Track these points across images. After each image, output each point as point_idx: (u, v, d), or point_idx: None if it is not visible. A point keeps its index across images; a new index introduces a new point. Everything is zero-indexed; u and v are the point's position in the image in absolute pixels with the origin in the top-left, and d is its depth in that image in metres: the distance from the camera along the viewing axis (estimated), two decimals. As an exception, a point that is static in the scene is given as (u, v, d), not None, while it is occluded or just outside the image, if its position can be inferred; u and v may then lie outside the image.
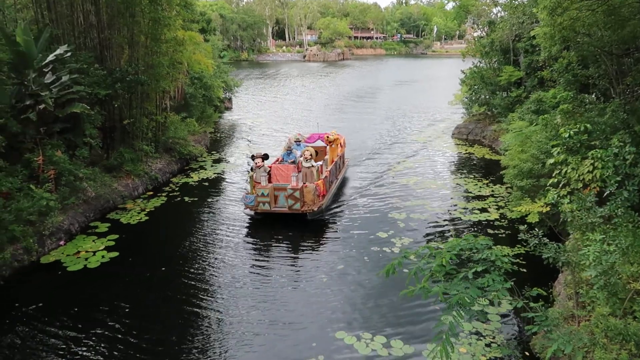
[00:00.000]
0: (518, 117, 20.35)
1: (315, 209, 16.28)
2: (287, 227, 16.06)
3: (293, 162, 17.97)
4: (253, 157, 17.12)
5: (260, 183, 16.49)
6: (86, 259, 13.80)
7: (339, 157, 20.16)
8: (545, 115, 15.52)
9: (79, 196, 16.17)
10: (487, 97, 28.46)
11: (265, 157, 17.07)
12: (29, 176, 14.67)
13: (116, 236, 15.24)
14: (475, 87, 29.14)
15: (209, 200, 18.93)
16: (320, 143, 20.70)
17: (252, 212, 16.49)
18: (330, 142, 20.14)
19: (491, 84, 27.50)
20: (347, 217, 17.09)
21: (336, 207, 18.00)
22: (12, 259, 13.02)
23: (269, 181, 17.06)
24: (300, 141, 20.04)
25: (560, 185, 12.11)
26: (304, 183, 16.70)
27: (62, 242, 14.65)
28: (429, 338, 10.11)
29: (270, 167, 17.58)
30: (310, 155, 17.38)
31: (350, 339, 10.31)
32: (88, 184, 16.74)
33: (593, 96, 17.30)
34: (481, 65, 29.27)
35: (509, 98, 25.98)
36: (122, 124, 19.84)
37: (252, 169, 16.84)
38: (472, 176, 21.26)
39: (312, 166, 17.12)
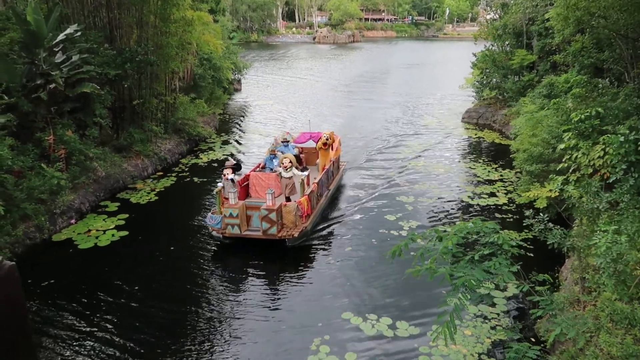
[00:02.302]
0: (529, 101, 20.12)
1: (296, 235, 13.11)
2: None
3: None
4: (235, 167, 14.70)
5: (228, 200, 13.39)
6: (97, 237, 14.01)
7: (331, 163, 16.73)
8: (557, 99, 15.33)
9: (89, 176, 16.34)
10: (499, 81, 28.11)
11: (236, 167, 14.59)
12: (40, 155, 14.81)
13: (126, 215, 15.43)
14: (487, 70, 28.78)
15: (218, 181, 19.00)
16: (311, 144, 17.81)
17: (220, 235, 13.43)
18: (325, 145, 16.61)
19: (503, 68, 27.15)
20: (349, 208, 17.08)
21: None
22: (25, 236, 13.25)
23: (243, 196, 14.51)
24: (288, 141, 17.15)
25: (571, 171, 12.02)
26: (284, 200, 13.81)
27: (73, 221, 14.86)
28: (433, 320, 10.19)
29: (247, 175, 15.06)
30: (290, 162, 14.22)
31: (356, 320, 10.43)
32: (98, 163, 16.89)
33: (607, 81, 17.03)
34: (493, 48, 28.85)
35: (521, 82, 25.66)
36: (132, 105, 19.91)
37: (223, 182, 13.89)
38: (482, 160, 21.15)
39: (294, 176, 14.13)
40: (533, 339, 9.33)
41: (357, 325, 10.24)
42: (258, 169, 15.82)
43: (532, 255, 12.56)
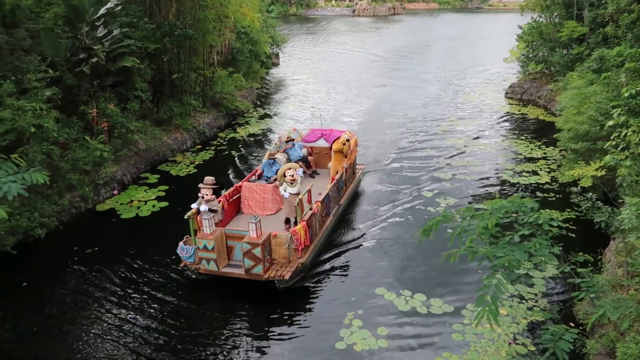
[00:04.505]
0: (578, 76, 19.16)
1: (287, 276, 10.18)
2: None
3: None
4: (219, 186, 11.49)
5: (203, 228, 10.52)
6: (138, 208, 14.48)
7: (344, 170, 13.61)
8: (608, 74, 14.52)
9: (131, 148, 16.78)
10: (545, 54, 26.83)
11: (216, 186, 11.18)
12: (84, 128, 15.28)
13: (166, 187, 15.83)
14: (533, 43, 27.49)
15: (255, 154, 19.18)
16: (322, 143, 15.07)
17: (194, 270, 10.75)
18: (341, 151, 13.62)
19: (550, 41, 25.86)
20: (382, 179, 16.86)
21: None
22: (70, 205, 13.82)
23: (233, 213, 12.13)
24: (293, 140, 14.59)
25: (619, 149, 11.44)
26: (288, 223, 11.14)
27: (115, 192, 15.36)
28: (469, 299, 10.08)
29: (238, 186, 12.50)
30: (292, 177, 11.45)
31: (390, 295, 10.43)
32: (139, 136, 17.30)
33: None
34: (540, 20, 27.50)
35: (569, 55, 24.42)
36: (171, 79, 20.18)
37: (198, 203, 10.95)
38: (524, 137, 20.44)
39: (291, 195, 11.34)
40: (572, 324, 9.08)
41: (392, 301, 10.25)
42: (253, 178, 13.14)
43: (574, 235, 12.16)
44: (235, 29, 27.13)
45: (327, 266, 11.55)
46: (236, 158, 18.75)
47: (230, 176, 17.06)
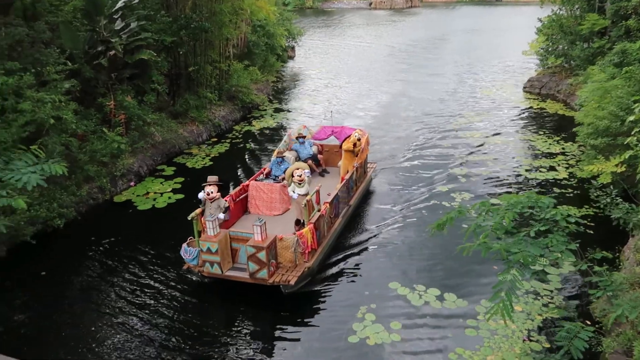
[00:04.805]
0: (599, 70, 18.78)
1: (292, 282, 9.81)
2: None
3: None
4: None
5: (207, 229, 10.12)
6: (154, 200, 14.65)
7: (355, 169, 13.11)
8: (630, 68, 14.21)
9: (147, 140, 16.95)
10: (566, 47, 26.32)
11: (220, 183, 10.77)
12: (101, 120, 15.47)
13: (182, 179, 15.98)
14: (553, 36, 26.99)
15: (270, 147, 19.21)
16: (333, 141, 14.84)
17: (197, 272, 10.46)
18: (354, 147, 13.28)
19: (571, 34, 25.36)
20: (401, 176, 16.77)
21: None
22: (88, 196, 14.04)
23: (239, 212, 11.89)
24: (304, 137, 14.40)
25: (640, 145, 11.21)
26: (298, 224, 10.70)
27: (132, 183, 15.55)
28: (483, 294, 10.01)
29: (244, 185, 12.22)
30: (300, 177, 11.06)
31: (404, 290, 10.41)
32: (155, 128, 17.46)
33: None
34: (561, 12, 26.99)
35: (590, 49, 23.92)
36: (187, 71, 20.30)
37: (202, 203, 10.64)
38: (542, 133, 20.13)
39: (300, 196, 10.98)
40: (588, 322, 8.97)
41: (405, 296, 10.23)
42: (261, 177, 12.90)
43: (591, 232, 11.97)
44: (251, 22, 27.16)
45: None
46: (251, 151, 18.82)
47: (245, 170, 17.13)
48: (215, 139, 19.98)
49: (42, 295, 10.43)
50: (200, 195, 10.52)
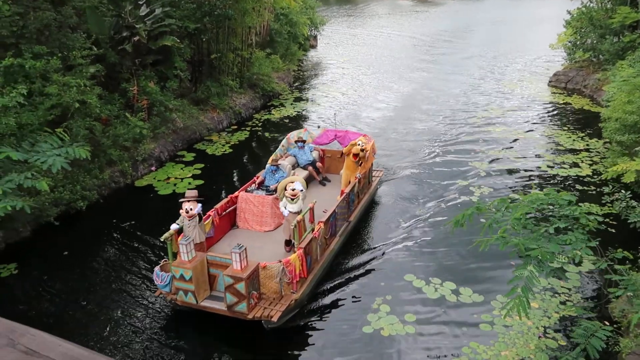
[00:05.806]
0: (628, 65, 18.29)
1: (275, 318, 8.42)
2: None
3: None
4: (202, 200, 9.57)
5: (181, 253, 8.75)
6: (175, 185, 14.84)
7: (357, 180, 11.59)
8: (661, 63, 13.82)
9: (169, 126, 17.14)
10: (594, 41, 25.68)
11: (200, 198, 9.45)
12: (124, 105, 15.69)
13: (202, 165, 16.14)
14: (582, 30, 26.34)
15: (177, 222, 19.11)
16: (336, 146, 13.46)
17: (170, 300, 9.22)
18: (356, 157, 11.59)
19: (601, 27, 24.70)
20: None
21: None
22: (110, 180, 14.29)
23: (226, 227, 10.74)
24: (304, 142, 13.12)
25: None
26: (289, 245, 9.75)
27: (153, 168, 15.78)
28: (499, 290, 9.94)
29: (233, 197, 10.98)
30: (294, 193, 9.56)
31: (419, 282, 10.39)
32: (177, 115, 17.64)
33: None
34: (591, 5, 26.30)
35: (620, 43, 23.29)
36: (210, 59, 20.39)
37: (181, 220, 9.32)
38: (567, 128, 19.74)
39: (290, 214, 9.57)
40: (606, 322, 8.84)
41: (420, 288, 10.22)
42: (252, 187, 11.51)
43: (613, 231, 11.76)
44: (274, 10, 27.10)
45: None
46: (270, 139, 18.88)
47: (265, 159, 17.15)
48: (235, 127, 20.10)
49: (64, 275, 10.71)
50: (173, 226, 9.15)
